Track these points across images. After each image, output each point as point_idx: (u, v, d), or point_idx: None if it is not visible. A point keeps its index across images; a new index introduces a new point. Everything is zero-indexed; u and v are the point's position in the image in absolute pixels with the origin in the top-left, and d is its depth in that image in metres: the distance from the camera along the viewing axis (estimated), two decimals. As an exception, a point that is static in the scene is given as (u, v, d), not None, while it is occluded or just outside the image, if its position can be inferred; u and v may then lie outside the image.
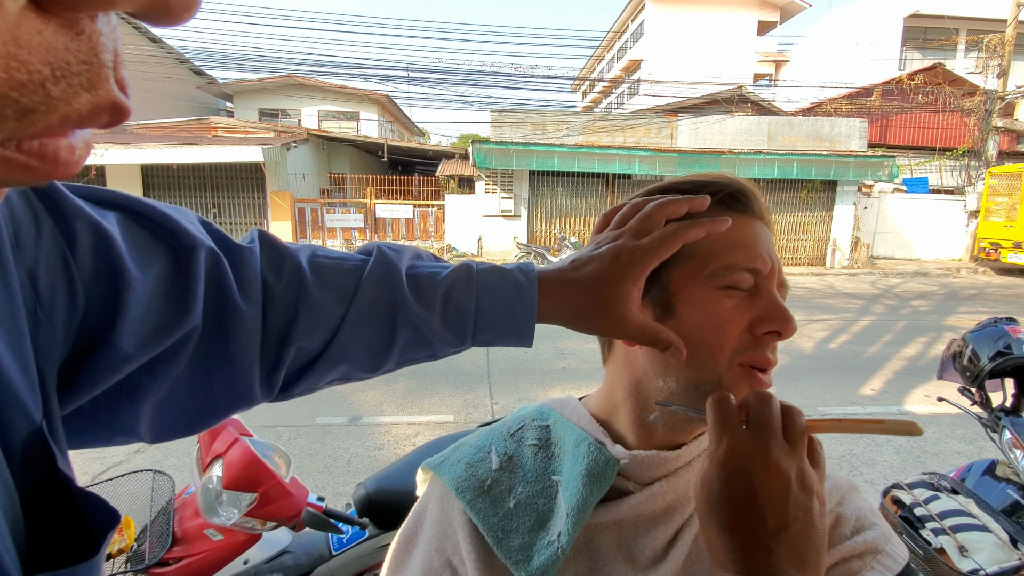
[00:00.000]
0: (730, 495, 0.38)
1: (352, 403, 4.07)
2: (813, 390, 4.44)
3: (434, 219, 12.81)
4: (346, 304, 0.45)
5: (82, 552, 0.28)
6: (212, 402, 0.42)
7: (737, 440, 0.39)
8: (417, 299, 0.46)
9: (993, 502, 1.54)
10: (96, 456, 3.20)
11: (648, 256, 0.46)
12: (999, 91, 13.21)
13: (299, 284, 0.44)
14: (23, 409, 0.28)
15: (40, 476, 0.28)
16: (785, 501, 0.37)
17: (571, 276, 0.47)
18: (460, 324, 0.47)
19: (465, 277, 0.47)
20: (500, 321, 0.48)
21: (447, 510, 0.57)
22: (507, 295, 0.47)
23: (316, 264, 0.46)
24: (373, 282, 0.46)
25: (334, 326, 0.45)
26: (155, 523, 1.47)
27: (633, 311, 0.46)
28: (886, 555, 0.48)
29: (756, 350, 0.49)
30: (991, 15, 17.80)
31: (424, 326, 0.47)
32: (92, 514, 0.29)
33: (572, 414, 0.60)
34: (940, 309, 7.98)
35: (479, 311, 0.47)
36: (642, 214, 0.48)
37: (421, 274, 0.47)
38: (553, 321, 0.49)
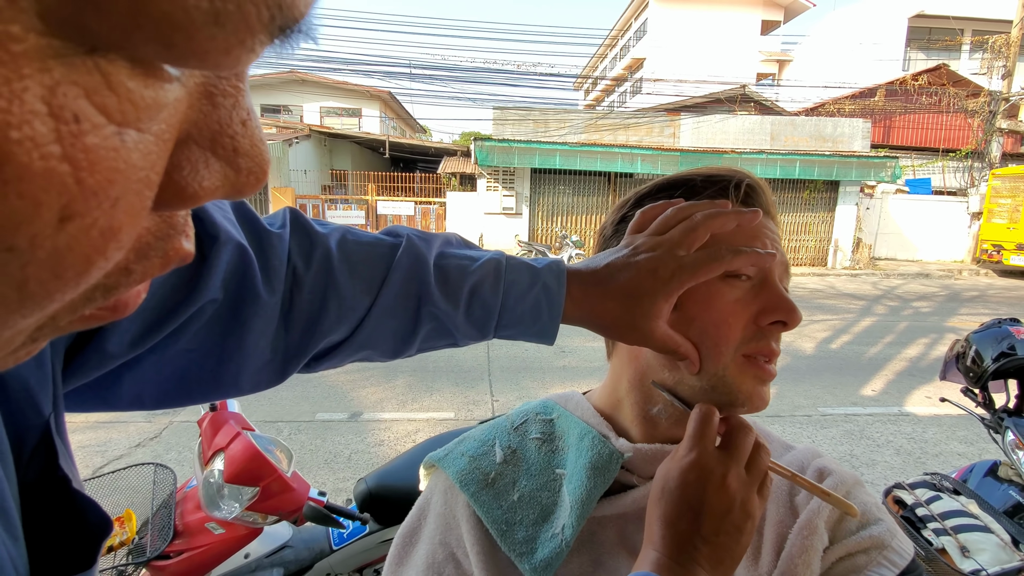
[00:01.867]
0: (681, 495, 0.44)
1: (353, 399, 4.07)
2: (814, 390, 4.43)
3: (435, 216, 12.80)
4: (374, 295, 0.44)
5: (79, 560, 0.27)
6: (216, 383, 0.41)
7: (705, 456, 0.44)
8: (443, 293, 0.45)
9: (995, 503, 1.54)
10: (97, 449, 3.21)
11: (688, 275, 0.44)
12: (1003, 92, 13.17)
13: (328, 273, 0.43)
14: (33, 403, 0.28)
15: (40, 473, 0.28)
16: (724, 517, 0.43)
17: (605, 284, 0.46)
18: (484, 321, 0.47)
19: (494, 274, 0.46)
20: (525, 322, 0.47)
21: (451, 503, 0.57)
22: (535, 298, 0.46)
23: (346, 251, 0.44)
24: (401, 272, 0.45)
25: (360, 316, 0.44)
26: (156, 516, 1.48)
27: (661, 325, 0.45)
28: (892, 550, 0.48)
29: (760, 340, 0.48)
30: (996, 16, 17.73)
31: (448, 320, 0.46)
32: (86, 518, 0.28)
33: (576, 408, 0.60)
34: (942, 310, 7.97)
35: (504, 310, 0.46)
36: (686, 225, 0.46)
37: (449, 267, 0.46)
38: (578, 324, 0.48)
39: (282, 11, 0.12)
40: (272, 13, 0.12)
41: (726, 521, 0.42)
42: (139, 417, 3.63)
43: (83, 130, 0.11)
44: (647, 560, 0.43)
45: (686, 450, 0.45)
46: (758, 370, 0.49)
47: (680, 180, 0.54)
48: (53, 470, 0.28)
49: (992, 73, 13.42)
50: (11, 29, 0.09)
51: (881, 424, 3.81)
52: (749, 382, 0.48)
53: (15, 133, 0.10)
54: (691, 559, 0.42)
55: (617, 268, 0.46)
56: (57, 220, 0.11)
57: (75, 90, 0.11)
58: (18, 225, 0.11)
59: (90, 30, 0.10)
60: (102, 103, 0.11)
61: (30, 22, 0.10)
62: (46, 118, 0.10)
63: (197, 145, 0.15)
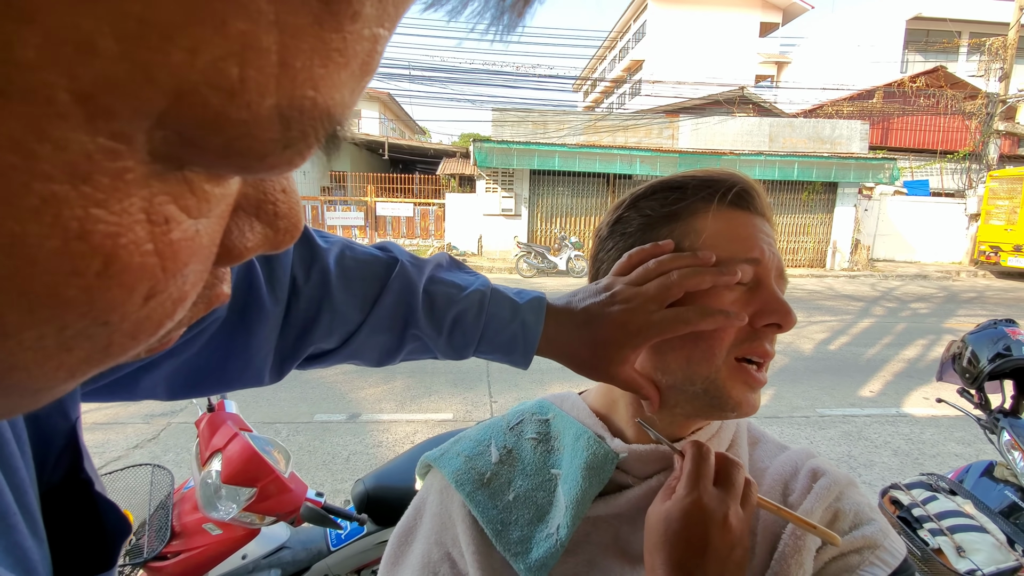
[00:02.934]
0: (687, 537, 0.44)
1: (351, 400, 4.07)
2: (812, 391, 4.44)
3: (435, 218, 12.81)
4: (365, 313, 0.48)
5: (100, 562, 0.28)
6: (225, 378, 0.45)
7: (707, 496, 0.45)
8: (428, 319, 0.50)
9: (991, 503, 1.55)
10: (95, 451, 3.20)
11: (655, 332, 0.47)
12: (1001, 94, 13.21)
13: (325, 287, 0.47)
14: (61, 408, 0.29)
15: (65, 474, 0.29)
16: (728, 556, 0.43)
17: (579, 328, 0.49)
18: (463, 346, 0.51)
19: (477, 306, 0.50)
20: (501, 351, 0.52)
21: (446, 503, 0.57)
22: (512, 332, 0.50)
23: (344, 266, 0.48)
24: (393, 296, 0.49)
25: (351, 331, 0.48)
26: (154, 517, 1.47)
27: (626, 370, 0.49)
28: (884, 550, 0.48)
29: (754, 341, 0.49)
30: (993, 18, 17.79)
31: (431, 341, 0.51)
32: (106, 519, 0.29)
33: (572, 408, 0.60)
34: (940, 312, 7.98)
35: (483, 339, 0.51)
36: (663, 283, 0.48)
37: (437, 293, 0.50)
38: (549, 357, 0.52)
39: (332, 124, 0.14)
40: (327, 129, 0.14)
41: (729, 560, 0.43)
42: (137, 419, 3.63)
43: (170, 228, 0.13)
44: None
45: (687, 491, 0.45)
46: (748, 377, 0.49)
47: (675, 183, 0.54)
48: (77, 472, 0.29)
49: (989, 75, 13.46)
50: (126, 164, 0.12)
51: (879, 425, 3.81)
52: (739, 388, 0.49)
53: (122, 240, 0.12)
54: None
55: (592, 315, 0.49)
56: (143, 300, 0.14)
57: (167, 198, 0.13)
58: (114, 307, 0.13)
59: (186, 158, 0.13)
60: (185, 205, 0.14)
61: (141, 158, 0.12)
62: (145, 224, 0.12)
63: (244, 212, 0.17)
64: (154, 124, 0.11)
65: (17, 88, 0.10)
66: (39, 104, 0.10)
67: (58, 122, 0.10)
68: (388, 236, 12.63)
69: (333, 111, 0.14)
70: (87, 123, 0.11)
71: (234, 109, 0.12)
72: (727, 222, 0.50)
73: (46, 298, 0.12)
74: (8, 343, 0.12)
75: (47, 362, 0.13)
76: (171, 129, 0.12)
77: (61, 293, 0.12)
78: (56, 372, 0.14)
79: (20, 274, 0.11)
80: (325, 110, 0.14)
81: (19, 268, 0.11)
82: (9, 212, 0.10)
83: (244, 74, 0.11)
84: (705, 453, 0.47)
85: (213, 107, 0.12)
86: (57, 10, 0.10)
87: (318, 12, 0.12)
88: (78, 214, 0.11)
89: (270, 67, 0.12)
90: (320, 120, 0.14)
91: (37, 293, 0.11)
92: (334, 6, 0.12)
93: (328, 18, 0.12)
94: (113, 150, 0.11)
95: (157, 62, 0.11)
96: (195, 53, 0.11)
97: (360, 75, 0.14)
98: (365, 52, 0.14)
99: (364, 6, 0.13)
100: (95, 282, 0.12)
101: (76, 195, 0.11)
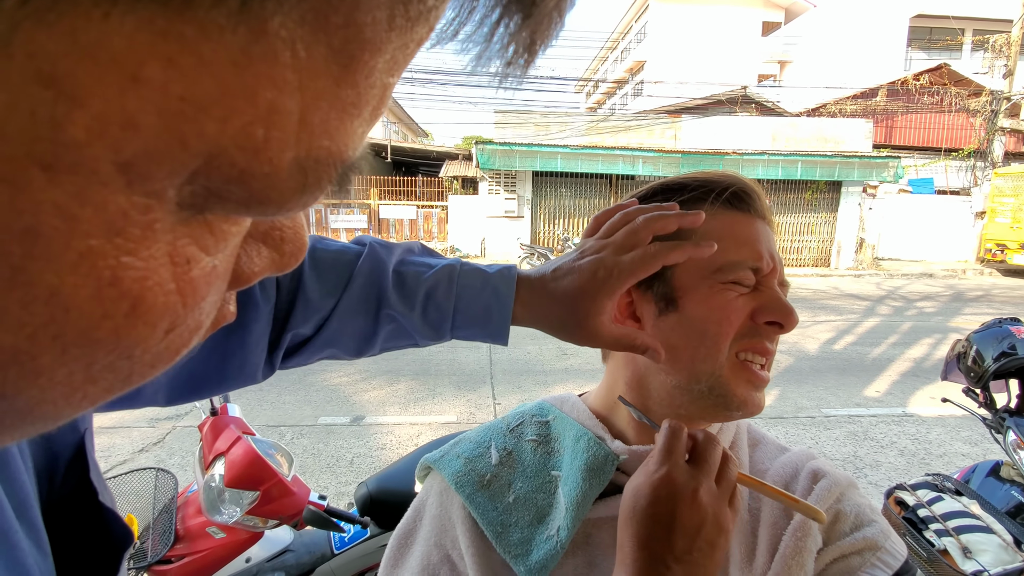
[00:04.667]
0: (653, 514, 0.43)
1: (355, 403, 4.07)
2: (817, 391, 4.42)
3: (438, 220, 12.82)
4: (337, 296, 0.49)
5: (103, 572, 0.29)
6: (223, 379, 0.46)
7: (676, 471, 0.44)
8: (400, 297, 0.50)
9: (997, 504, 1.53)
10: (101, 455, 3.22)
11: (625, 274, 0.47)
12: (1005, 91, 13.13)
13: (299, 276, 0.48)
14: (71, 421, 0.29)
15: (74, 486, 0.30)
16: (696, 534, 0.42)
17: (550, 287, 0.49)
18: (439, 322, 0.51)
19: (447, 279, 0.50)
20: (478, 323, 0.51)
21: (446, 505, 0.57)
22: (486, 301, 0.50)
23: (315, 257, 0.49)
24: (362, 278, 0.49)
25: (325, 316, 0.49)
26: (158, 521, 1.48)
27: (605, 323, 0.48)
28: (885, 551, 0.48)
29: (755, 337, 0.49)
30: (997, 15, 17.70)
31: (405, 321, 0.51)
32: (110, 530, 0.30)
33: (572, 410, 0.60)
34: (946, 310, 7.93)
35: (456, 312, 0.50)
36: (628, 228, 0.48)
37: (407, 272, 0.51)
38: (529, 326, 0.51)
39: (344, 165, 0.15)
40: (339, 170, 0.15)
41: (699, 538, 0.42)
42: (142, 422, 3.65)
43: (191, 268, 0.14)
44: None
45: (656, 465, 0.45)
46: (751, 375, 0.49)
47: (675, 184, 0.54)
48: (85, 483, 0.30)
49: (994, 72, 13.38)
50: (156, 216, 0.12)
51: (885, 425, 3.79)
52: (743, 387, 0.49)
53: (148, 283, 0.13)
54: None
55: (563, 272, 0.49)
56: (164, 334, 0.14)
57: (188, 240, 0.14)
58: (138, 343, 0.14)
59: (209, 207, 0.14)
60: (204, 244, 0.14)
61: (170, 209, 0.13)
62: (168, 266, 0.13)
63: (252, 239, 0.18)
64: (184, 181, 0.12)
65: (65, 163, 0.11)
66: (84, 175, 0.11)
67: (100, 188, 0.11)
68: (391, 238, 12.61)
69: (345, 155, 0.15)
70: (126, 187, 0.11)
71: (258, 165, 0.13)
72: (726, 223, 0.51)
73: (78, 340, 0.12)
74: (40, 380, 0.13)
75: (73, 395, 0.14)
76: (199, 184, 0.13)
77: (92, 335, 0.13)
78: (80, 402, 0.14)
79: (55, 321, 0.12)
80: (338, 156, 0.15)
81: (55, 316, 0.12)
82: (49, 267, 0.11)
83: (268, 135, 0.12)
84: (677, 429, 0.46)
85: (239, 165, 0.12)
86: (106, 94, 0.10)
87: (337, 75, 0.13)
88: (111, 264, 0.12)
89: (291, 126, 0.13)
90: (334, 165, 0.15)
91: (70, 336, 0.12)
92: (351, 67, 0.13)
93: (345, 78, 0.13)
94: (146, 206, 0.12)
95: (193, 132, 0.11)
96: (226, 122, 0.12)
97: (371, 119, 0.15)
98: (376, 100, 0.15)
99: (378, 64, 0.14)
100: (123, 322, 0.13)
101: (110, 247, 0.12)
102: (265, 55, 0.12)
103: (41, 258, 0.11)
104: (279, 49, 0.12)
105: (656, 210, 0.49)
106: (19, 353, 0.12)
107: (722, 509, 0.43)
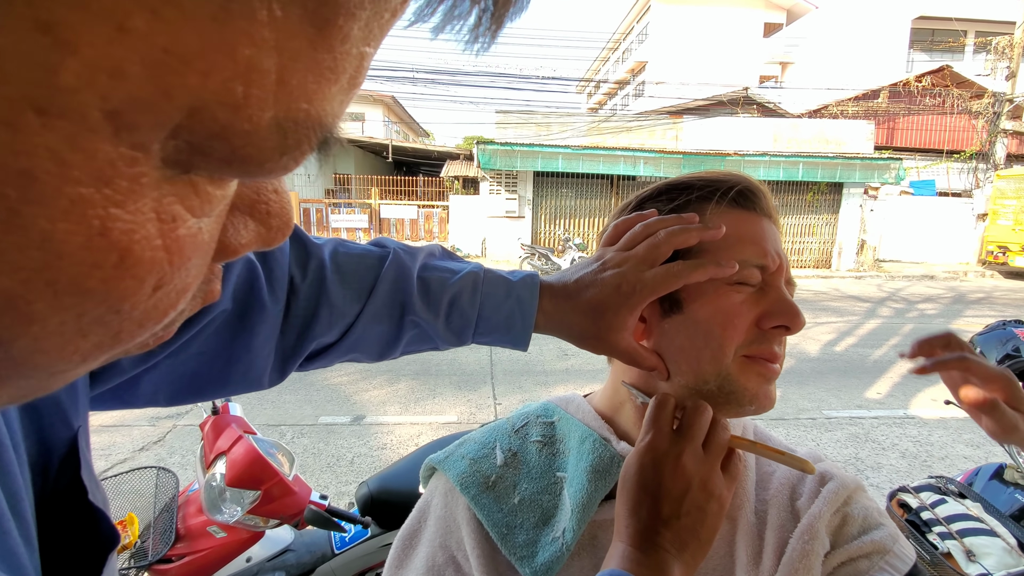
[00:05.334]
0: (639, 482, 0.44)
1: (356, 403, 4.07)
2: (819, 393, 4.41)
3: (438, 220, 12.83)
4: (362, 303, 0.49)
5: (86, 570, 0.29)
6: (227, 381, 0.45)
7: (659, 439, 0.45)
8: (425, 303, 0.50)
9: (1001, 506, 1.53)
10: (101, 453, 3.22)
11: (648, 291, 0.47)
12: (1008, 93, 13.11)
13: (321, 282, 0.48)
14: (63, 416, 0.30)
15: (66, 482, 0.30)
16: (682, 498, 0.43)
17: (573, 298, 0.50)
18: (462, 329, 0.51)
19: (472, 286, 0.51)
20: (500, 330, 0.52)
21: (451, 506, 0.57)
22: (509, 309, 0.50)
23: (338, 261, 0.49)
24: (388, 284, 0.49)
25: (350, 322, 0.49)
26: (159, 520, 1.48)
27: (626, 337, 0.48)
28: (894, 555, 0.47)
29: (762, 343, 0.49)
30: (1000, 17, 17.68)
31: (429, 327, 0.51)
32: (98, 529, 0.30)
33: (577, 411, 0.60)
34: (947, 312, 7.92)
35: (480, 320, 0.51)
36: (650, 243, 0.49)
37: (431, 278, 0.51)
38: (550, 333, 0.52)
39: (324, 133, 0.16)
40: (319, 137, 0.16)
41: (685, 501, 0.42)
42: (143, 421, 3.64)
43: (177, 226, 0.15)
44: (615, 554, 0.43)
45: (643, 435, 0.46)
46: (761, 367, 0.49)
47: (680, 184, 0.54)
48: (76, 480, 0.30)
49: (996, 74, 13.37)
50: (142, 170, 0.13)
51: (886, 427, 3.78)
52: (754, 380, 0.49)
53: (136, 236, 0.14)
54: (654, 545, 0.42)
55: (585, 284, 0.49)
56: (152, 290, 0.15)
57: (174, 199, 0.15)
58: (126, 296, 0.14)
59: (193, 164, 0.14)
60: (190, 205, 0.15)
61: (155, 164, 0.13)
62: (155, 222, 0.14)
63: (239, 211, 0.19)
64: (169, 135, 0.13)
65: (57, 107, 0.11)
66: (75, 120, 0.12)
67: (89, 135, 0.12)
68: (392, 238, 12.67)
69: (325, 121, 0.16)
70: (114, 136, 0.12)
71: (238, 122, 0.13)
72: (731, 222, 0.50)
73: (70, 287, 0.13)
74: (33, 328, 0.13)
75: (66, 347, 0.14)
76: (183, 139, 0.13)
77: (83, 283, 0.13)
78: (72, 356, 0.15)
79: (49, 267, 0.13)
80: (317, 120, 0.15)
81: (48, 261, 0.13)
82: (42, 212, 0.12)
83: (248, 92, 0.13)
84: (663, 400, 0.47)
85: (220, 120, 0.13)
86: (96, 42, 0.11)
87: (312, 36, 0.14)
88: (100, 213, 0.13)
89: (270, 85, 0.13)
90: (313, 129, 0.15)
91: (63, 283, 0.13)
92: (326, 31, 0.14)
93: (321, 41, 0.14)
94: (132, 158, 0.13)
95: (176, 84, 0.12)
96: (208, 75, 0.12)
97: (348, 88, 0.16)
98: (353, 68, 0.15)
99: (352, 29, 0.14)
100: (112, 273, 0.14)
101: (99, 197, 0.13)
102: (243, 12, 0.12)
103: (35, 202, 0.12)
104: (256, 7, 0.12)
105: (677, 222, 0.49)
106: (15, 297, 0.13)
107: (710, 474, 0.44)
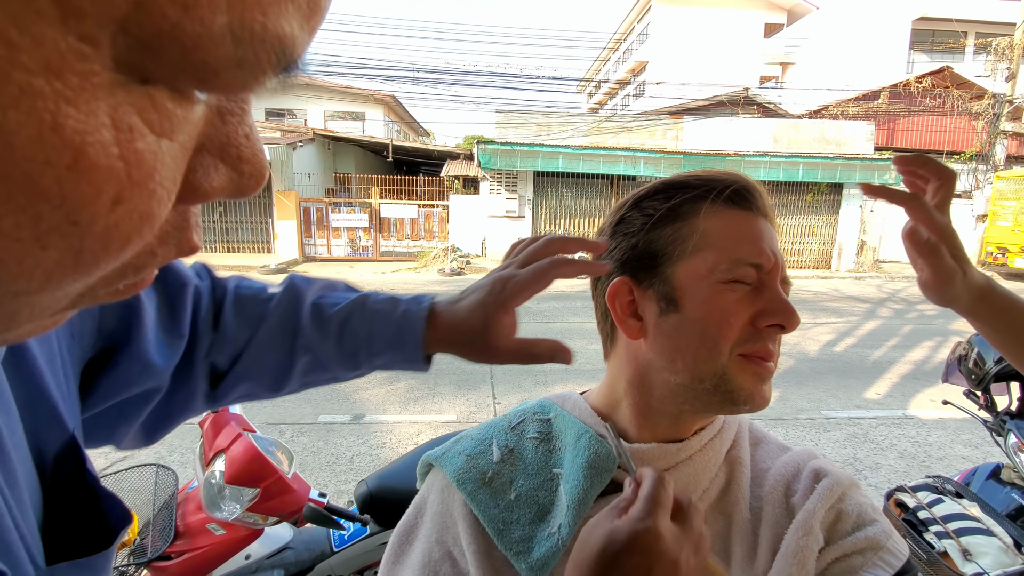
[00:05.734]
0: (627, 565, 0.39)
1: (355, 401, 4.08)
2: (818, 393, 4.41)
3: (438, 219, 12.82)
4: (252, 330, 0.50)
5: (99, 543, 0.31)
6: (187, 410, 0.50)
7: (663, 527, 0.40)
8: (316, 326, 0.51)
9: (998, 506, 1.53)
10: (101, 450, 3.21)
11: (521, 287, 0.48)
12: (1008, 95, 13.11)
13: (218, 311, 0.51)
14: (58, 420, 0.32)
15: (70, 477, 0.33)
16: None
17: (456, 306, 0.50)
18: (354, 350, 0.51)
19: (362, 306, 0.51)
20: (392, 347, 0.51)
21: (448, 502, 0.57)
22: (396, 324, 0.50)
23: (238, 294, 0.52)
24: (279, 310, 0.51)
25: (239, 349, 0.50)
26: (158, 517, 1.48)
27: (500, 338, 0.48)
28: (887, 551, 0.48)
29: (757, 342, 0.49)
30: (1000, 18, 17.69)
31: (321, 352, 0.51)
32: (110, 512, 0.33)
33: (573, 408, 0.60)
34: (947, 313, 7.85)
35: (371, 338, 0.50)
36: (532, 248, 0.50)
37: (323, 303, 0.52)
38: (445, 350, 0.51)
39: (286, 55, 0.16)
40: (279, 57, 0.16)
41: None
42: (142, 419, 3.65)
43: (134, 137, 0.15)
44: None
45: (642, 514, 0.40)
46: (756, 367, 0.49)
47: (677, 182, 0.54)
48: (82, 473, 0.33)
49: (996, 75, 13.37)
50: (93, 68, 0.13)
51: (885, 427, 3.79)
52: (749, 379, 0.49)
53: (90, 138, 0.14)
54: None
55: (469, 291, 0.51)
56: (111, 203, 0.15)
57: (130, 109, 0.14)
58: (84, 205, 0.14)
59: (146, 70, 0.14)
60: (148, 119, 0.15)
61: (106, 64, 0.13)
62: (110, 128, 0.14)
63: (209, 153, 0.18)
64: (118, 29, 0.13)
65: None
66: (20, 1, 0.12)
67: (36, 18, 0.12)
68: (392, 237, 12.65)
69: (283, 40, 0.15)
70: (61, 22, 0.12)
71: (189, 22, 0.13)
72: (727, 220, 0.51)
73: (23, 184, 0.13)
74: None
75: (25, 258, 0.14)
76: (133, 36, 0.13)
77: (36, 181, 0.13)
78: (33, 271, 0.15)
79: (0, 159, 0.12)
80: (275, 36, 0.15)
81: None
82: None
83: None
84: (664, 481, 0.43)
85: (170, 18, 0.13)
86: None
87: None
88: (51, 107, 0.13)
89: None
90: (271, 45, 0.15)
91: (15, 178, 0.13)
92: None
93: None
94: (82, 51, 0.13)
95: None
96: None
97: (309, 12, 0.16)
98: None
99: None
100: (66, 174, 0.13)
101: (50, 89, 0.12)
102: None
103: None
104: None
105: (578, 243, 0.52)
106: None
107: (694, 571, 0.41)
